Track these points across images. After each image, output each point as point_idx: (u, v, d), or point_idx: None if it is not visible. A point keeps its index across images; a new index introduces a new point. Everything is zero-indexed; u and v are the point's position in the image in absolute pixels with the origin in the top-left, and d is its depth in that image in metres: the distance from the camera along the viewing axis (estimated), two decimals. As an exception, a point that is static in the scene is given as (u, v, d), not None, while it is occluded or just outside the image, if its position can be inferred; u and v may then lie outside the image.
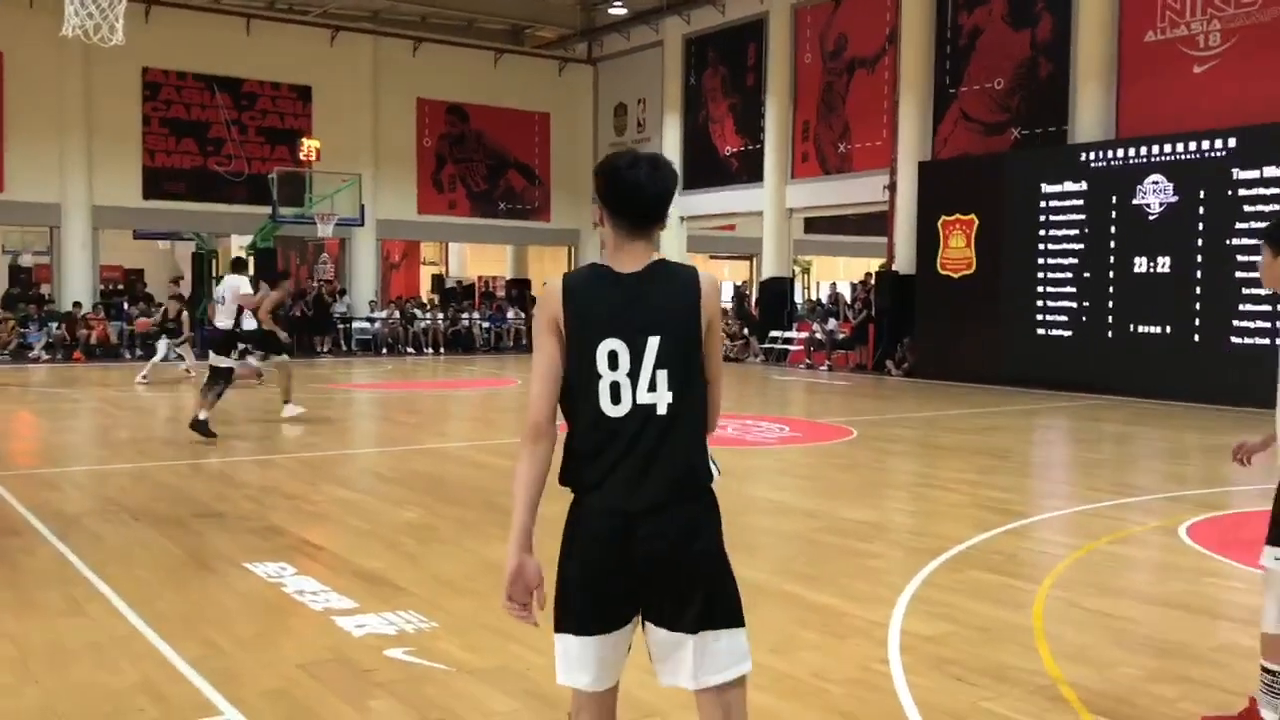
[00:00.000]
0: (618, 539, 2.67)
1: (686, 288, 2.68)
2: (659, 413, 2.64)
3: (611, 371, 2.64)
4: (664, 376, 2.63)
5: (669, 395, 2.64)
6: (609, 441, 2.66)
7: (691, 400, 2.67)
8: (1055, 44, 19.53)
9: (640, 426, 2.64)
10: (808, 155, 24.85)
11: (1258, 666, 4.77)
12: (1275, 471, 4.08)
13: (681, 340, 2.65)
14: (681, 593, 2.69)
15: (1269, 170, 15.60)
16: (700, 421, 2.71)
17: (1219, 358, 16.00)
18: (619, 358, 2.63)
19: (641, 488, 2.63)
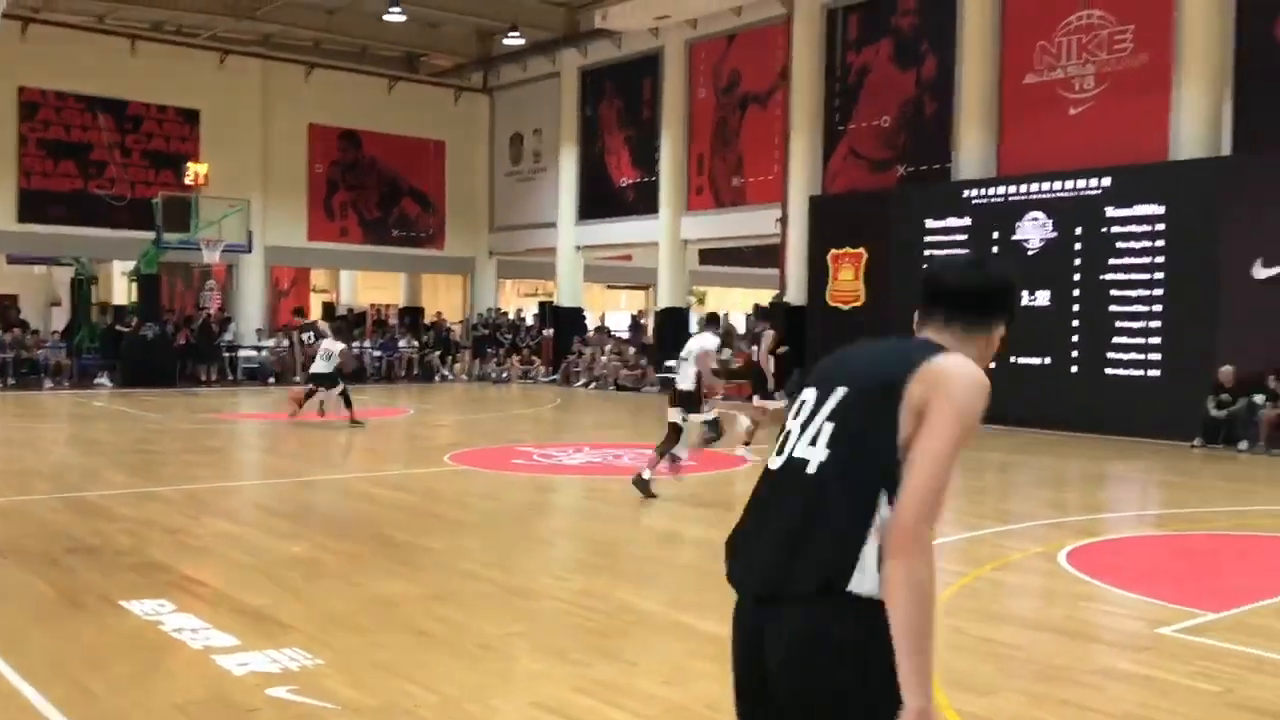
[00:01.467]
0: (745, 639, 2.29)
1: (904, 355, 2.29)
2: (807, 471, 2.24)
3: (793, 420, 2.35)
4: (829, 430, 2.26)
5: (825, 453, 2.23)
6: (754, 503, 2.35)
7: (857, 470, 2.19)
8: (939, 84, 20.15)
9: (786, 486, 2.28)
10: (702, 188, 25.14)
11: (1132, 689, 4.92)
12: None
13: (866, 394, 2.25)
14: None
15: (1140, 208, 16.28)
16: (866, 504, 2.16)
17: (1096, 388, 16.59)
18: (804, 406, 2.34)
19: (764, 569, 2.24)
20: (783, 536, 2.25)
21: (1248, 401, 14.85)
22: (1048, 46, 18.51)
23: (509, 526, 8.87)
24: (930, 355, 2.27)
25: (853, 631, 2.14)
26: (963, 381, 2.21)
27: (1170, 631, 5.82)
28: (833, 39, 21.96)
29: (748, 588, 2.29)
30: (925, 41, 20.42)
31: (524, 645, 5.45)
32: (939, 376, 2.21)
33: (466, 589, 6.62)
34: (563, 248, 28.45)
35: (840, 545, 2.16)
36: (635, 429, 17.44)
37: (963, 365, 2.26)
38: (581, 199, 28.17)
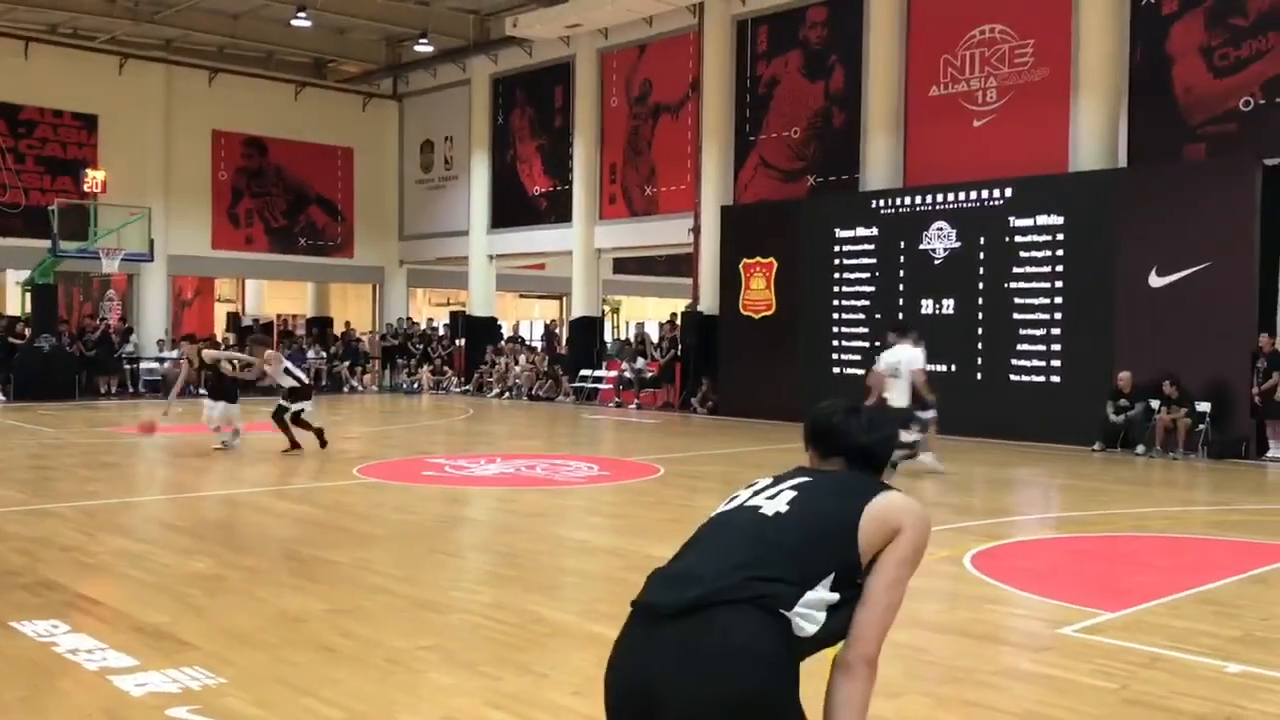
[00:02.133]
0: (641, 658, 2.40)
1: (869, 479, 2.56)
2: (763, 512, 2.43)
3: (744, 490, 2.57)
4: (790, 495, 2.46)
5: (785, 507, 2.43)
6: (693, 541, 2.51)
7: (815, 524, 2.39)
8: (847, 96, 20.47)
9: (736, 522, 2.46)
10: (615, 197, 25.18)
11: (1034, 688, 5.03)
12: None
13: (832, 481, 2.53)
14: None
15: (1041, 218, 16.73)
16: (815, 561, 2.34)
17: (999, 394, 16.97)
18: (760, 483, 2.57)
19: (702, 581, 2.33)
20: (727, 553, 2.36)
21: (1145, 406, 15.33)
22: (951, 60, 18.93)
23: (418, 539, 8.75)
24: (885, 489, 2.49)
25: (785, 659, 2.25)
26: (924, 529, 2.45)
27: (1070, 631, 5.96)
28: (743, 50, 22.19)
29: (668, 603, 2.29)
30: (833, 54, 20.73)
31: (433, 659, 5.38)
32: (906, 514, 2.43)
33: (374, 603, 6.51)
34: (475, 256, 28.27)
35: (783, 582, 2.28)
36: (549, 439, 17.38)
37: (920, 510, 2.48)
38: (494, 207, 28.03)
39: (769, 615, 2.25)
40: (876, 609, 2.36)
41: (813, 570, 2.33)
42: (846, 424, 2.68)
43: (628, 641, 2.36)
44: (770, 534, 2.39)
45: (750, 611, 2.24)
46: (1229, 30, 16.06)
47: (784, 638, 2.26)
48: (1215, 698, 4.88)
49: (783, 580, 2.29)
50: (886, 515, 2.41)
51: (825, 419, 2.71)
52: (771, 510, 2.44)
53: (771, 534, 2.39)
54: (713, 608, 2.25)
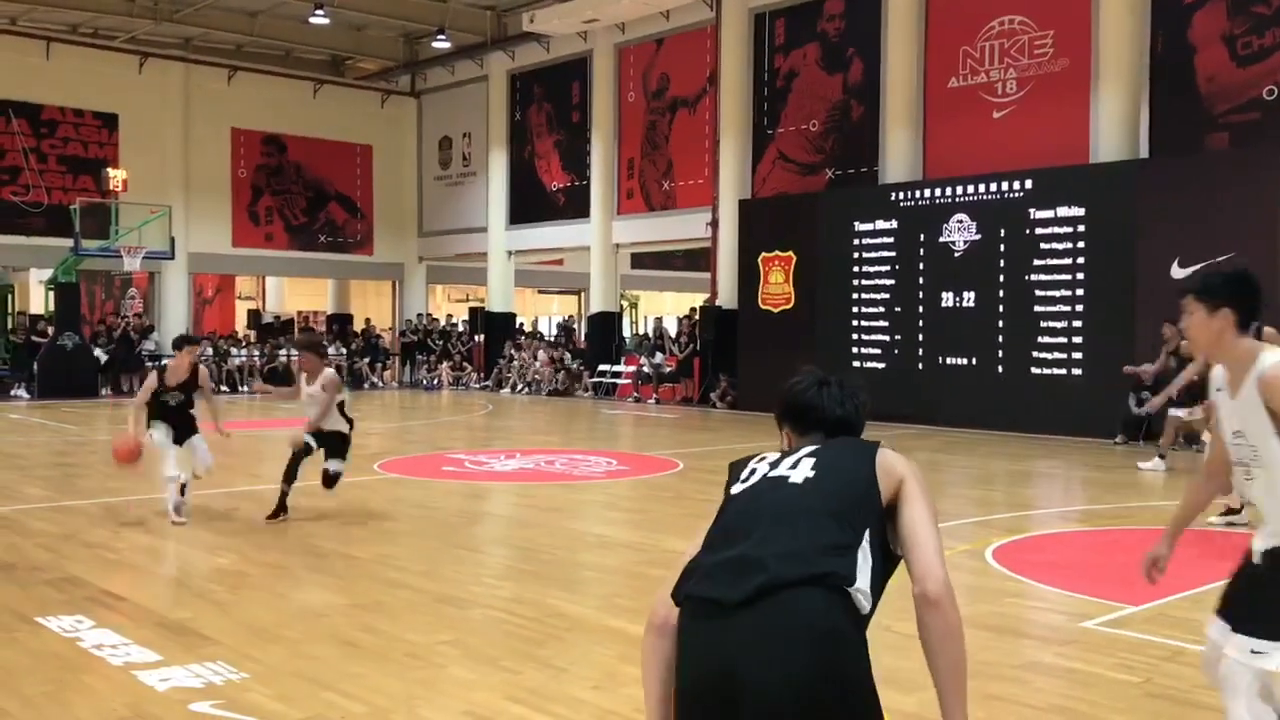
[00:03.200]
0: (717, 652, 2.40)
1: (865, 441, 2.64)
2: (791, 481, 2.48)
3: (758, 462, 2.61)
4: (810, 462, 2.52)
5: (810, 473, 2.49)
6: (720, 527, 2.55)
7: (843, 485, 2.46)
8: (866, 88, 20.38)
9: (765, 496, 2.49)
10: (633, 192, 25.16)
11: (1057, 682, 5.00)
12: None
13: (842, 445, 2.61)
14: None
15: (1062, 210, 16.62)
16: (852, 520, 2.39)
17: (1021, 387, 16.88)
18: (769, 458, 2.61)
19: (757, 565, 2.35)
20: (779, 533, 2.34)
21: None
22: (970, 51, 18.82)
23: (439, 534, 8.77)
24: (878, 444, 2.56)
25: (858, 636, 2.28)
26: (919, 473, 2.51)
27: (1093, 625, 5.93)
28: (760, 43, 22.12)
29: (734, 594, 2.26)
30: (851, 46, 20.64)
31: (453, 654, 5.39)
32: (901, 464, 2.49)
33: (394, 598, 6.53)
34: (493, 252, 28.31)
35: (836, 553, 2.31)
36: (567, 435, 17.40)
37: (913, 464, 2.53)
38: (512, 203, 28.05)
39: (835, 593, 2.27)
40: (926, 542, 2.39)
41: (856, 531, 2.37)
42: (820, 398, 2.73)
43: (698, 636, 2.31)
44: (806, 503, 2.41)
45: (817, 593, 2.26)
46: (1252, 18, 15.90)
47: (851, 614, 2.29)
48: None
49: (833, 550, 2.32)
50: (890, 467, 2.48)
51: (799, 395, 2.75)
52: (800, 477, 2.47)
53: (807, 503, 2.41)
54: (780, 591, 2.24)
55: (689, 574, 2.41)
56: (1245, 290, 3.33)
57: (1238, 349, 3.32)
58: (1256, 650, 3.15)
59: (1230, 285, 3.33)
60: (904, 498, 2.44)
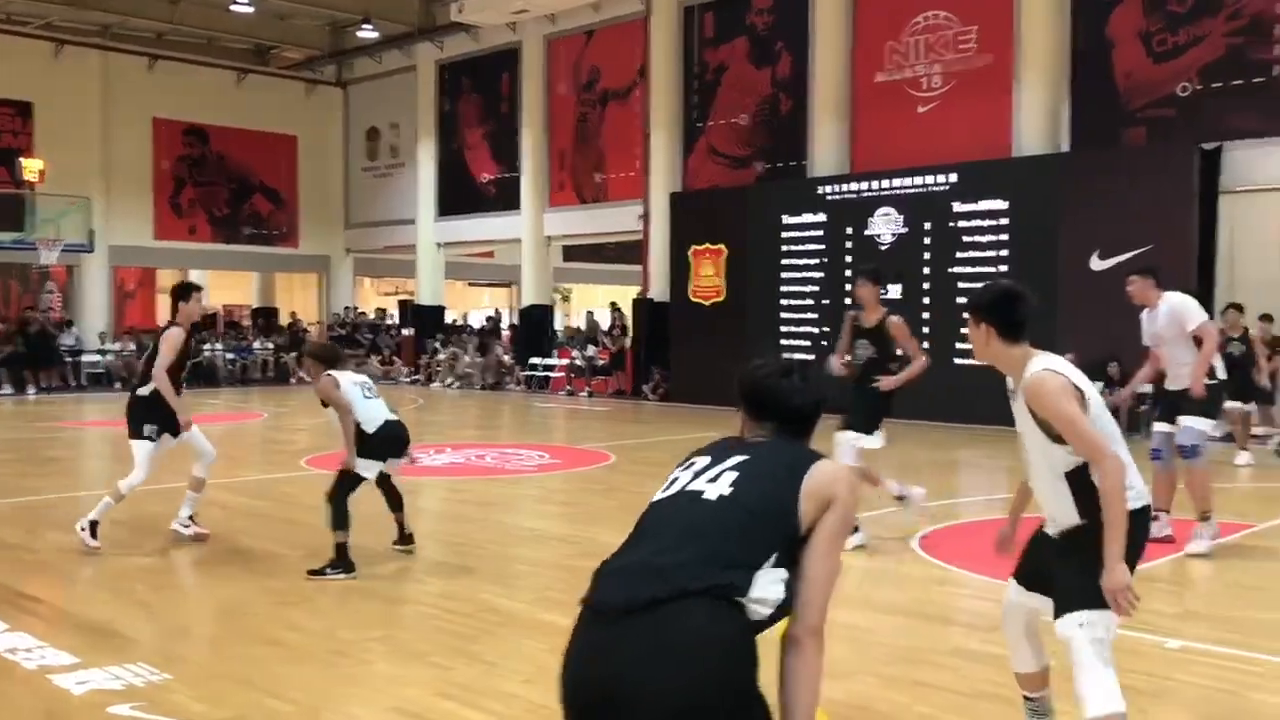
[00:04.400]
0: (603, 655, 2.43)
1: (801, 449, 2.58)
2: (705, 498, 2.44)
3: (682, 471, 2.59)
4: (732, 476, 2.46)
5: (728, 490, 2.44)
6: (636, 533, 2.54)
7: (759, 504, 2.41)
8: (794, 82, 20.53)
9: (680, 507, 2.48)
10: (564, 184, 25.08)
11: (983, 668, 5.09)
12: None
13: (770, 461, 2.52)
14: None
15: (985, 203, 16.90)
16: (763, 542, 2.36)
17: (945, 378, 17.11)
18: (697, 463, 2.57)
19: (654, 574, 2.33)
20: (678, 544, 2.34)
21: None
22: (896, 46, 19.04)
23: (367, 530, 8.65)
24: (819, 457, 2.52)
25: (745, 647, 2.26)
26: (853, 496, 2.48)
27: (1016, 610, 6.03)
28: (690, 36, 22.17)
29: (624, 601, 2.27)
30: (780, 40, 20.77)
31: (382, 650, 5.34)
32: (837, 483, 2.46)
33: (322, 595, 6.44)
34: (422, 245, 28.05)
35: (734, 568, 2.30)
36: (498, 429, 17.32)
37: (850, 475, 2.54)
38: (441, 195, 27.81)
39: (726, 605, 2.26)
40: (817, 581, 2.38)
41: (760, 550, 2.34)
42: (780, 386, 2.67)
43: (584, 641, 2.32)
44: (716, 519, 2.39)
45: (708, 603, 2.24)
46: (1166, 16, 16.29)
47: (742, 626, 2.27)
48: (1155, 672, 4.98)
49: (734, 566, 2.30)
50: (821, 488, 2.43)
51: (759, 381, 2.70)
52: (715, 494, 2.44)
53: (717, 519, 2.39)
54: (670, 602, 2.23)
55: (593, 577, 2.43)
56: (1001, 307, 3.71)
57: (1009, 357, 3.72)
58: (1083, 622, 3.49)
59: (989, 303, 3.74)
60: (821, 528, 2.41)
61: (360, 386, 7.51)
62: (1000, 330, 3.70)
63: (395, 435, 7.43)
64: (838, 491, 2.44)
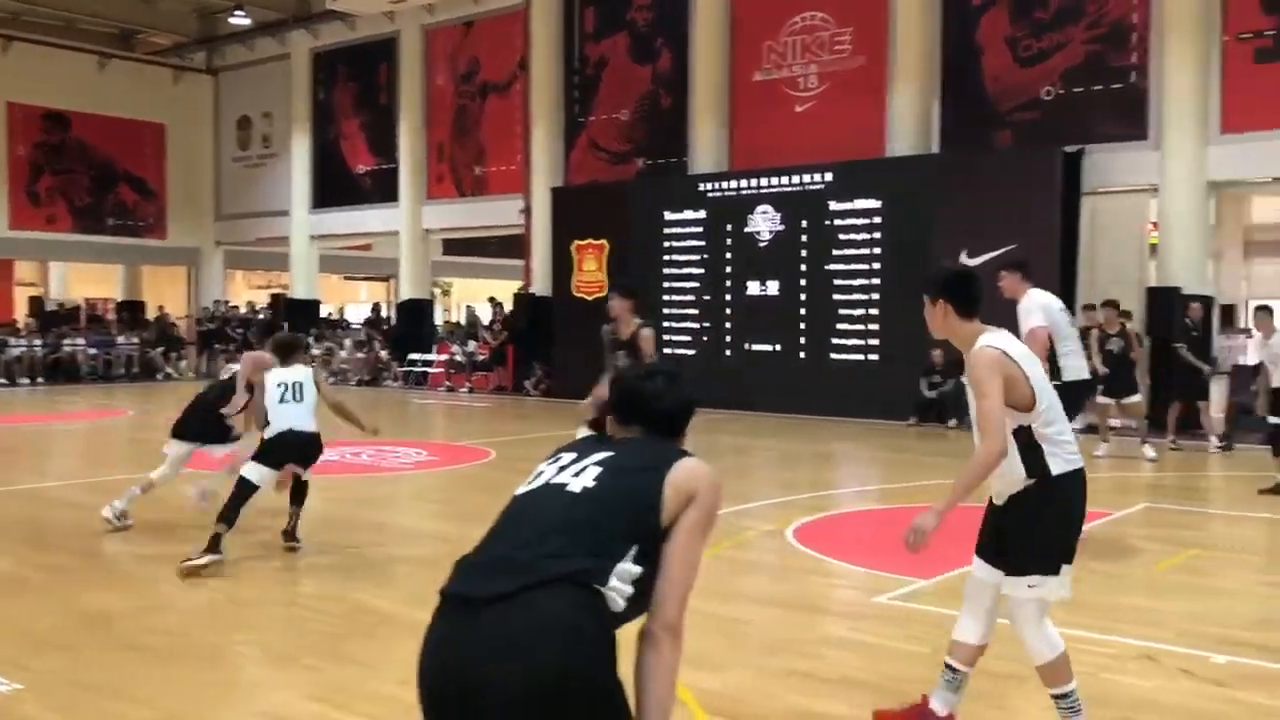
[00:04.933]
0: (460, 648, 2.39)
1: (666, 446, 2.58)
2: (569, 489, 2.44)
3: (548, 464, 2.58)
4: (595, 470, 2.47)
5: (591, 483, 2.44)
6: (497, 526, 2.52)
7: (619, 502, 2.41)
8: (674, 79, 20.65)
9: (540, 500, 2.48)
10: (443, 176, 24.78)
11: (852, 655, 5.20)
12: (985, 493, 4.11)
13: (634, 456, 2.53)
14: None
15: (860, 202, 17.28)
16: (621, 536, 2.36)
17: (822, 372, 17.49)
18: (563, 458, 2.57)
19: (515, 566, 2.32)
20: (538, 537, 2.34)
21: (955, 382, 16.03)
22: (774, 46, 19.32)
23: (236, 531, 8.42)
24: (683, 455, 2.53)
25: (604, 636, 2.26)
26: (716, 494, 2.48)
27: (885, 599, 6.19)
28: (570, 30, 22.12)
29: (482, 591, 2.26)
30: (660, 37, 20.88)
31: (250, 654, 5.21)
32: (699, 480, 2.46)
33: (187, 599, 6.25)
34: (296, 237, 27.39)
35: (594, 557, 2.30)
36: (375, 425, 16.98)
37: (712, 473, 2.51)
38: (316, 186, 27.19)
39: (584, 592, 2.26)
40: (675, 577, 2.39)
41: (621, 543, 2.35)
42: (644, 388, 2.69)
43: (441, 632, 2.31)
44: (578, 512, 2.39)
45: (565, 590, 2.24)
46: (1031, 23, 16.88)
47: (600, 614, 2.27)
48: (1019, 656, 5.14)
49: (594, 556, 2.30)
50: (683, 483, 2.44)
51: (624, 384, 2.75)
52: (578, 487, 2.44)
53: (579, 512, 2.39)
54: (527, 591, 2.23)
55: (454, 568, 2.42)
56: (956, 286, 4.05)
57: (965, 331, 4.01)
58: (1032, 585, 3.82)
59: (943, 282, 4.08)
60: (681, 523, 2.43)
61: (284, 387, 7.38)
62: (957, 307, 4.01)
63: (289, 444, 7.32)
64: (699, 487, 2.45)
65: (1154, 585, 6.73)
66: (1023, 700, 4.58)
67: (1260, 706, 4.52)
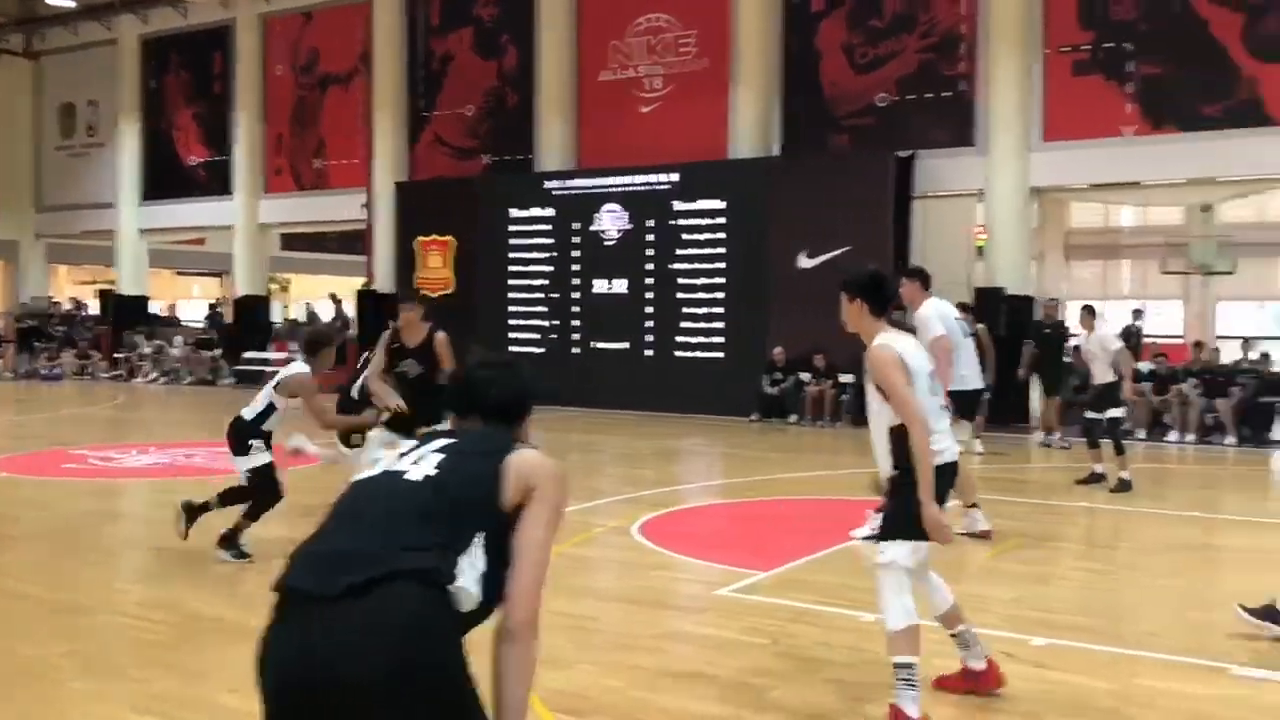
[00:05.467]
0: (303, 645, 2.33)
1: (505, 436, 2.57)
2: (407, 478, 2.40)
3: (387, 452, 2.59)
4: (436, 459, 2.43)
5: (432, 471, 2.40)
6: (334, 513, 2.46)
7: (460, 490, 2.38)
8: (520, 76, 20.56)
9: (380, 490, 2.44)
10: (282, 169, 24.08)
11: (694, 648, 5.28)
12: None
13: (475, 444, 2.51)
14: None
15: (703, 203, 17.55)
16: (464, 527, 2.34)
17: (667, 369, 17.69)
18: (403, 446, 2.54)
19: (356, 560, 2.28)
20: (379, 527, 2.30)
21: (796, 379, 16.45)
22: (620, 46, 19.43)
23: (59, 538, 8.02)
24: (524, 445, 2.52)
25: (453, 630, 2.25)
26: (560, 487, 2.46)
27: (726, 592, 6.31)
28: (414, 24, 21.78)
29: (323, 587, 2.19)
30: (506, 33, 20.75)
31: (74, 666, 4.95)
32: (540, 472, 2.44)
33: (6, 610, 5.91)
34: (124, 230, 26.19)
35: (438, 549, 2.27)
36: (207, 426, 16.40)
37: (554, 466, 2.48)
38: (145, 178, 26.07)
39: (429, 589, 2.22)
40: (525, 572, 2.37)
41: (464, 534, 2.32)
42: (477, 377, 2.69)
43: (284, 629, 2.23)
44: (419, 500, 2.35)
45: (410, 587, 2.19)
46: (868, 31, 17.43)
47: (446, 610, 2.24)
48: (855, 645, 5.31)
49: (437, 548, 2.27)
50: (522, 475, 2.41)
51: (463, 374, 2.75)
52: (419, 474, 2.40)
53: (420, 500, 2.35)
54: (371, 586, 2.18)
55: (290, 560, 2.34)
56: (873, 287, 4.46)
57: (872, 328, 4.42)
58: (890, 549, 4.28)
59: (864, 283, 4.47)
60: (527, 515, 2.41)
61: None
62: (871, 306, 4.42)
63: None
64: (539, 481, 2.43)
65: (983, 572, 7.03)
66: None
67: (1078, 685, 4.77)
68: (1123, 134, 15.62)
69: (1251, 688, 4.75)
